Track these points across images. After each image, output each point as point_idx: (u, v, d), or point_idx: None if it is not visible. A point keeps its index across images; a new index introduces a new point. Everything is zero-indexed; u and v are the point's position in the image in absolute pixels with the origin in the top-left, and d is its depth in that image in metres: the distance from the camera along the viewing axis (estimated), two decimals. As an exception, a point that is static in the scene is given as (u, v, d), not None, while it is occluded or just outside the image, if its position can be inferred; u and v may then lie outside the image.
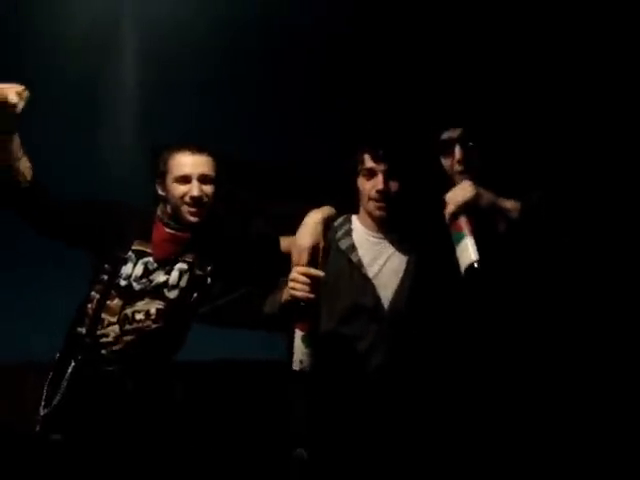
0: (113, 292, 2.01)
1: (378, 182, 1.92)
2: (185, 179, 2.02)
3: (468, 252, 1.67)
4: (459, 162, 1.85)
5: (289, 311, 1.83)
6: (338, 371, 1.88)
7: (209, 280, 2.11)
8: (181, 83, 3.16)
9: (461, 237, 1.70)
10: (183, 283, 2.06)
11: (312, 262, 1.92)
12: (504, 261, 1.78)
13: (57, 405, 1.97)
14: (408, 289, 1.93)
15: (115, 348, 2.01)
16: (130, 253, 2.03)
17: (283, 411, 1.99)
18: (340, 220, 2.07)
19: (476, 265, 1.64)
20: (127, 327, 2.02)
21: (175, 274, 2.06)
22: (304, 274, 1.79)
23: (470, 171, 1.85)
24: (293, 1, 3.08)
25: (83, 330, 2.02)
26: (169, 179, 2.04)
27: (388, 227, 1.99)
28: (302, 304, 1.78)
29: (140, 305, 2.02)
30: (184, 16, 3.14)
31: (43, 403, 1.99)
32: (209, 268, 2.10)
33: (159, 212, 2.11)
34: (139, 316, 2.02)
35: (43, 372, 2.65)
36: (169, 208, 2.08)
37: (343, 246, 2.00)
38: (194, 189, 2.01)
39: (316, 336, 1.80)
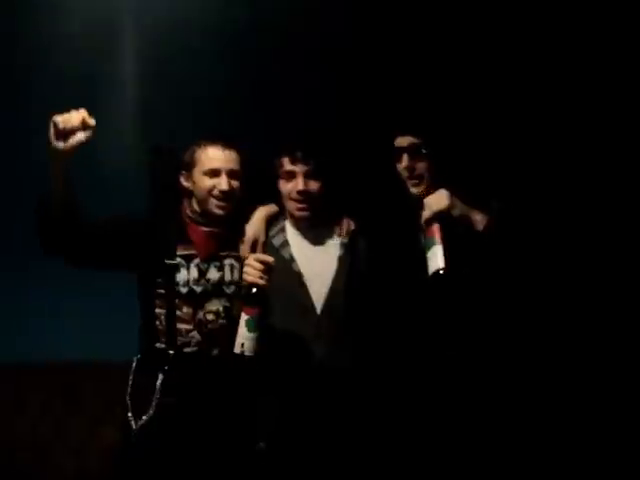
0: (178, 301, 2.04)
1: (298, 183, 2.01)
2: (215, 172, 2.05)
3: (437, 259, 1.80)
4: (406, 169, 1.98)
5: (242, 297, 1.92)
6: (281, 362, 1.97)
7: None
8: (181, 83, 3.16)
9: (432, 243, 1.84)
10: (236, 277, 2.10)
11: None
12: (468, 268, 1.89)
13: (153, 416, 1.99)
14: (343, 285, 2.03)
15: (198, 353, 2.04)
16: (179, 259, 2.06)
17: (247, 407, 2.03)
18: (278, 219, 2.16)
19: (442, 272, 1.78)
20: (204, 330, 2.05)
21: (227, 270, 2.10)
22: (257, 260, 1.89)
23: (418, 178, 1.98)
24: (292, 1, 3.08)
25: (162, 345, 2.04)
26: (197, 171, 2.07)
27: (315, 225, 2.08)
28: (253, 289, 1.88)
29: (209, 306, 2.06)
30: (183, 15, 3.14)
31: (131, 415, 2.00)
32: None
33: (188, 212, 2.13)
34: (210, 317, 2.06)
35: (44, 373, 2.64)
36: (195, 203, 2.10)
37: (276, 243, 2.10)
38: (223, 183, 2.04)
39: (262, 322, 1.87)
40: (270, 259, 1.91)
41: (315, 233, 2.11)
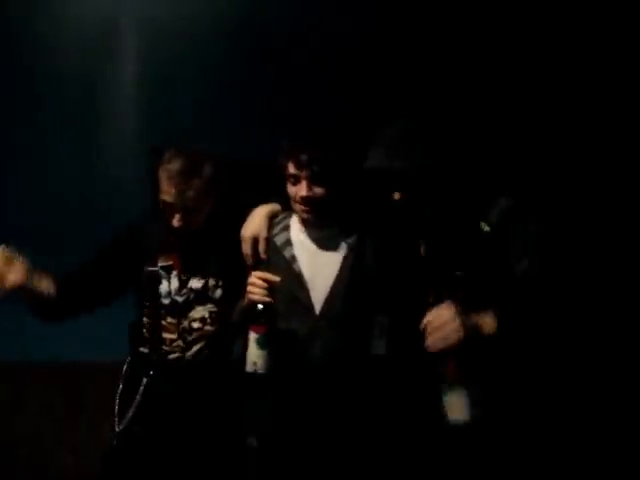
0: (163, 311, 2.03)
1: (302, 188, 1.94)
2: (169, 206, 1.98)
3: (460, 407, 1.62)
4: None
5: (247, 314, 1.88)
6: (281, 363, 1.90)
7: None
8: (181, 83, 3.16)
9: (452, 385, 1.63)
10: (221, 282, 2.07)
11: (254, 253, 2.00)
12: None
13: (132, 419, 2.00)
14: (343, 289, 1.95)
15: (185, 359, 2.03)
16: (160, 271, 2.04)
17: (235, 403, 2.00)
18: (280, 217, 2.09)
19: (464, 423, 1.60)
20: (189, 338, 2.03)
21: (211, 276, 2.07)
22: (261, 278, 1.84)
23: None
24: (293, 1, 3.08)
25: (146, 350, 2.04)
26: (160, 197, 2.00)
27: (321, 226, 2.01)
28: (259, 307, 1.83)
29: (193, 315, 2.04)
30: (184, 15, 3.14)
31: (117, 419, 2.01)
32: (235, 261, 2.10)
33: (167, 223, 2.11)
34: (196, 324, 2.04)
35: (45, 373, 2.62)
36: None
37: (278, 242, 2.04)
38: (175, 220, 1.98)
39: (272, 339, 1.83)
40: (274, 278, 1.87)
41: (321, 233, 2.05)
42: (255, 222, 2.08)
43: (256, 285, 1.85)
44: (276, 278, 1.87)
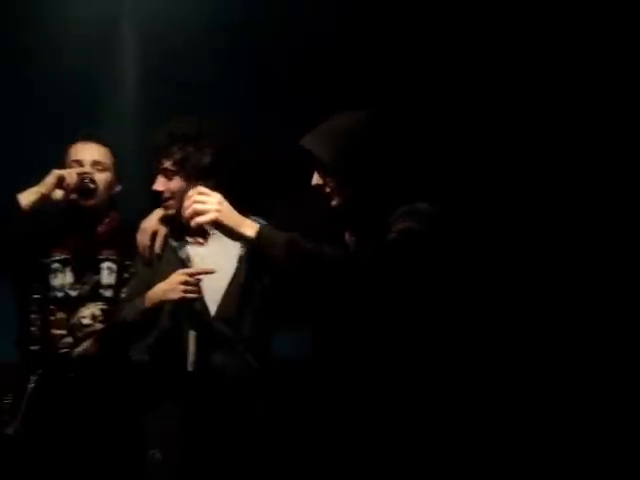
0: (52, 307, 2.02)
1: (156, 182, 1.98)
2: (78, 164, 2.06)
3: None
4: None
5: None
6: (176, 367, 1.91)
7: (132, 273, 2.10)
8: (180, 83, 3.16)
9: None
10: (112, 280, 2.08)
11: (151, 246, 2.03)
12: None
13: (23, 419, 1.99)
14: (236, 295, 1.94)
15: (74, 356, 2.01)
16: (56, 264, 2.03)
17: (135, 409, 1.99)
18: None
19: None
20: (79, 334, 2.01)
21: (105, 273, 2.08)
22: (192, 274, 1.86)
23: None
24: (292, 1, 3.09)
25: (36, 348, 2.03)
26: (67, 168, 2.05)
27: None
28: (190, 304, 1.88)
29: (84, 311, 2.04)
30: (184, 15, 3.15)
31: (9, 419, 2.01)
32: (128, 262, 2.11)
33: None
34: (86, 321, 2.03)
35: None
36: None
37: (174, 243, 2.02)
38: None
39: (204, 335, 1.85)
40: (210, 270, 1.88)
41: (216, 232, 1.93)
42: (157, 217, 2.07)
43: (190, 283, 1.86)
44: (210, 269, 1.87)
